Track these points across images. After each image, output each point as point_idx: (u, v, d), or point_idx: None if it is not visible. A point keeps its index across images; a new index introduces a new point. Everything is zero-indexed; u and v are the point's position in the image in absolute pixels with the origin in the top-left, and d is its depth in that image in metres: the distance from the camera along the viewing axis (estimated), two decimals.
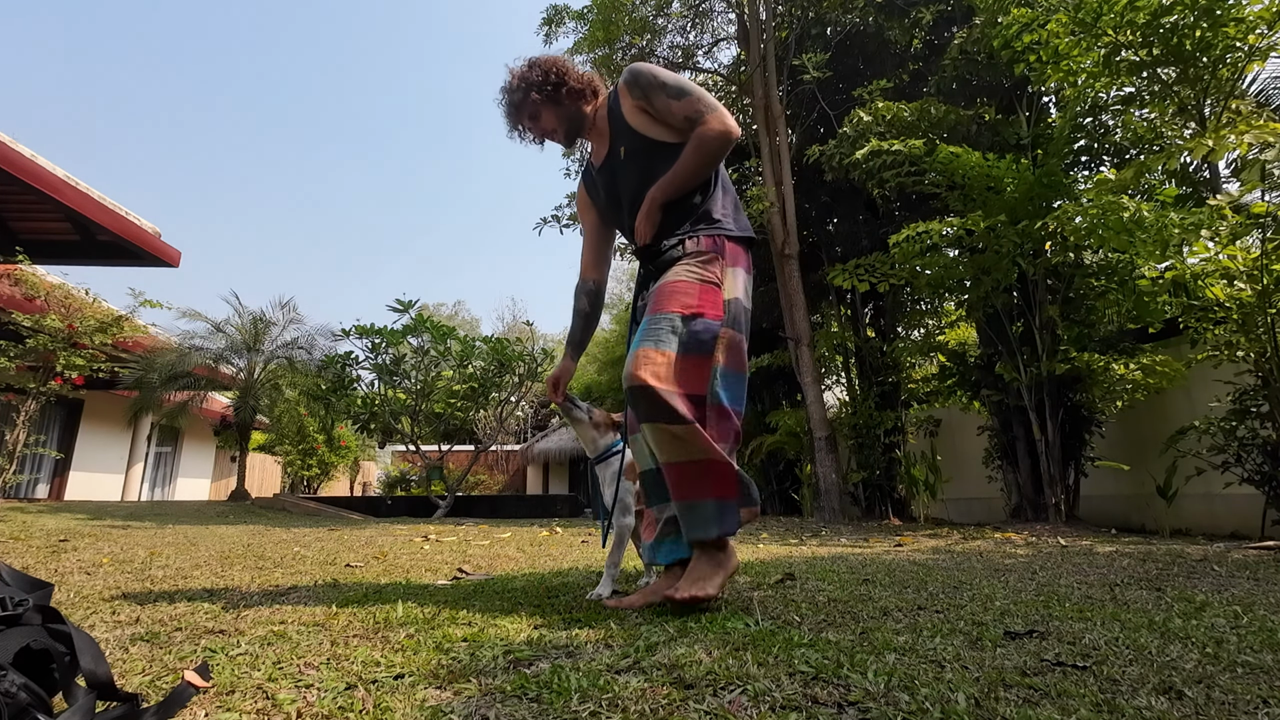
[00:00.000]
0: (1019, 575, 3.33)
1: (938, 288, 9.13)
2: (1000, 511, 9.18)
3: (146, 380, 12.43)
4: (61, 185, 7.63)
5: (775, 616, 2.12)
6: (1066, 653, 1.70)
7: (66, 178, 7.76)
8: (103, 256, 9.49)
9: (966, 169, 7.36)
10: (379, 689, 1.37)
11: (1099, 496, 8.69)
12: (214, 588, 2.62)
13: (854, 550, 4.89)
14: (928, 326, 12.99)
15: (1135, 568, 3.69)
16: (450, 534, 6.06)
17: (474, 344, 11.66)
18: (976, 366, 9.28)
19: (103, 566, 3.17)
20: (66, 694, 1.13)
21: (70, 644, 1.17)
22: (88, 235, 8.89)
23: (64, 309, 10.06)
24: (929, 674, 1.47)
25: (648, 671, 1.47)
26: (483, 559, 3.96)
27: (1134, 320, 7.53)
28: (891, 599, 2.50)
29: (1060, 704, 1.30)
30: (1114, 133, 8.41)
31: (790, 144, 11.31)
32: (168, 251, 9.32)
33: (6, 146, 7.15)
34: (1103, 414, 7.98)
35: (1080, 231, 6.39)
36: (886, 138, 8.30)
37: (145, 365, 12.40)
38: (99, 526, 5.73)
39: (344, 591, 2.59)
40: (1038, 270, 7.97)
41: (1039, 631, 1.94)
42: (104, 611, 2.11)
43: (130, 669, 1.49)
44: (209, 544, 4.54)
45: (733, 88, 13.40)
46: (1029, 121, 8.71)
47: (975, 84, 9.24)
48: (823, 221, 12.53)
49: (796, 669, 1.48)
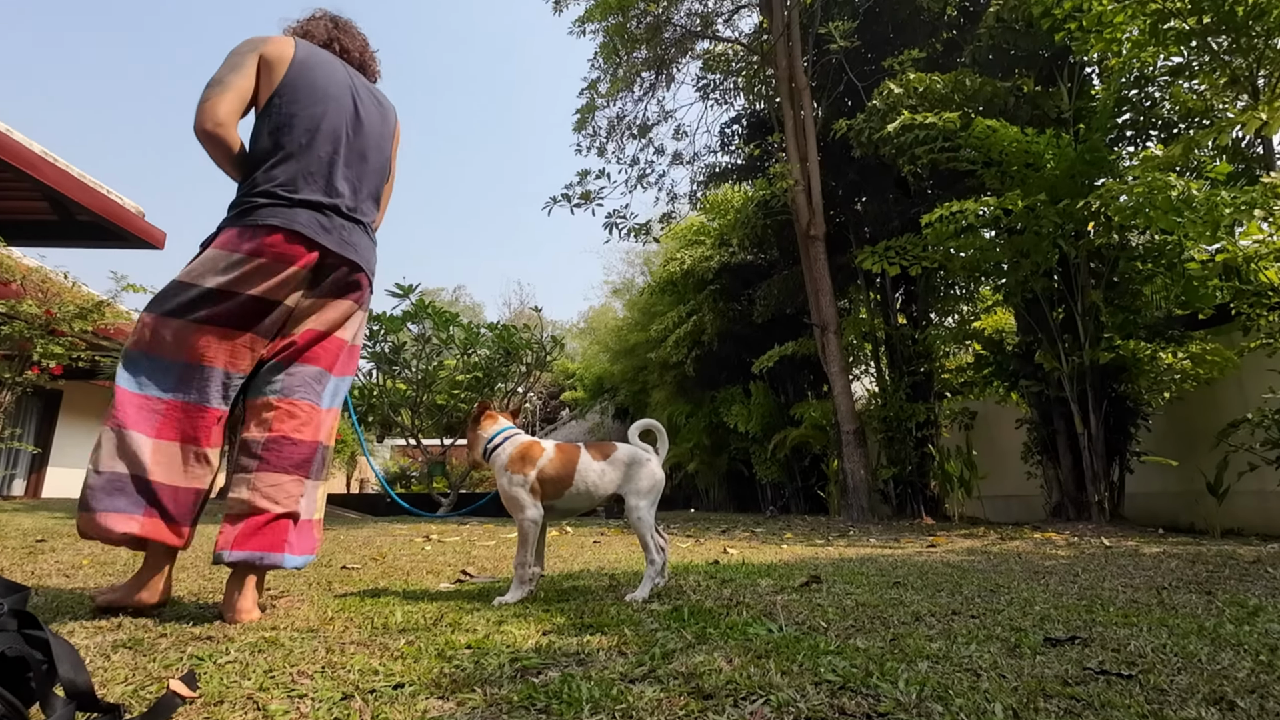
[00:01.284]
0: (1060, 578, 3.32)
1: (973, 271, 9.04)
2: (1040, 510, 9.12)
3: None
4: (39, 162, 7.54)
5: (800, 622, 2.12)
6: (1111, 660, 1.69)
7: (44, 154, 7.66)
8: (83, 238, 9.40)
9: (1004, 144, 7.28)
10: (377, 699, 1.37)
11: (1145, 494, 8.61)
12: (201, 591, 2.63)
13: (884, 551, 4.89)
14: (962, 313, 12.89)
15: (1184, 570, 3.66)
16: (453, 534, 6.09)
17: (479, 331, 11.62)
18: (1014, 355, 9.20)
19: (83, 568, 3.20)
20: (44, 704, 1.12)
21: (48, 651, 1.16)
22: (67, 215, 8.80)
23: (41, 294, 9.89)
24: (964, 683, 1.46)
25: (664, 680, 1.48)
26: (488, 561, 3.98)
27: (1182, 306, 7.43)
28: (924, 603, 2.50)
29: (1104, 715, 1.30)
30: (1161, 106, 8.28)
31: (816, 118, 11.22)
32: (152, 233, 9.25)
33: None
34: (1149, 406, 7.89)
35: (1125, 211, 6.32)
36: (918, 111, 8.22)
37: None
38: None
39: (339, 595, 2.60)
40: (1080, 253, 7.88)
41: (1081, 638, 1.93)
42: (84, 616, 2.12)
43: (112, 678, 1.49)
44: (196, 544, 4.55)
45: (754, 58, 13.32)
46: (1070, 94, 8.59)
47: (1013, 54, 9.12)
48: (850, 201, 12.44)
49: (823, 678, 1.48)
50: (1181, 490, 8.18)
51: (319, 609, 2.32)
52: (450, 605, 2.39)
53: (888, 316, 11.99)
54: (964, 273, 9.15)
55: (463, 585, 2.92)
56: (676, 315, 15.54)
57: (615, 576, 3.14)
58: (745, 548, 5.11)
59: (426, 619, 2.14)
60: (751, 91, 14.21)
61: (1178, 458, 7.96)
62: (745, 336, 14.05)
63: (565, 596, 2.59)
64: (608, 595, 2.60)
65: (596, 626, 2.03)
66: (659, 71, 14.11)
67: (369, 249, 2.57)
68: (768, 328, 13.20)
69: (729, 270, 14.71)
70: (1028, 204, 7.23)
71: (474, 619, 2.14)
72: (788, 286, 12.48)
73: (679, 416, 16.51)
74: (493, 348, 11.68)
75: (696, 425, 15.90)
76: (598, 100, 13.98)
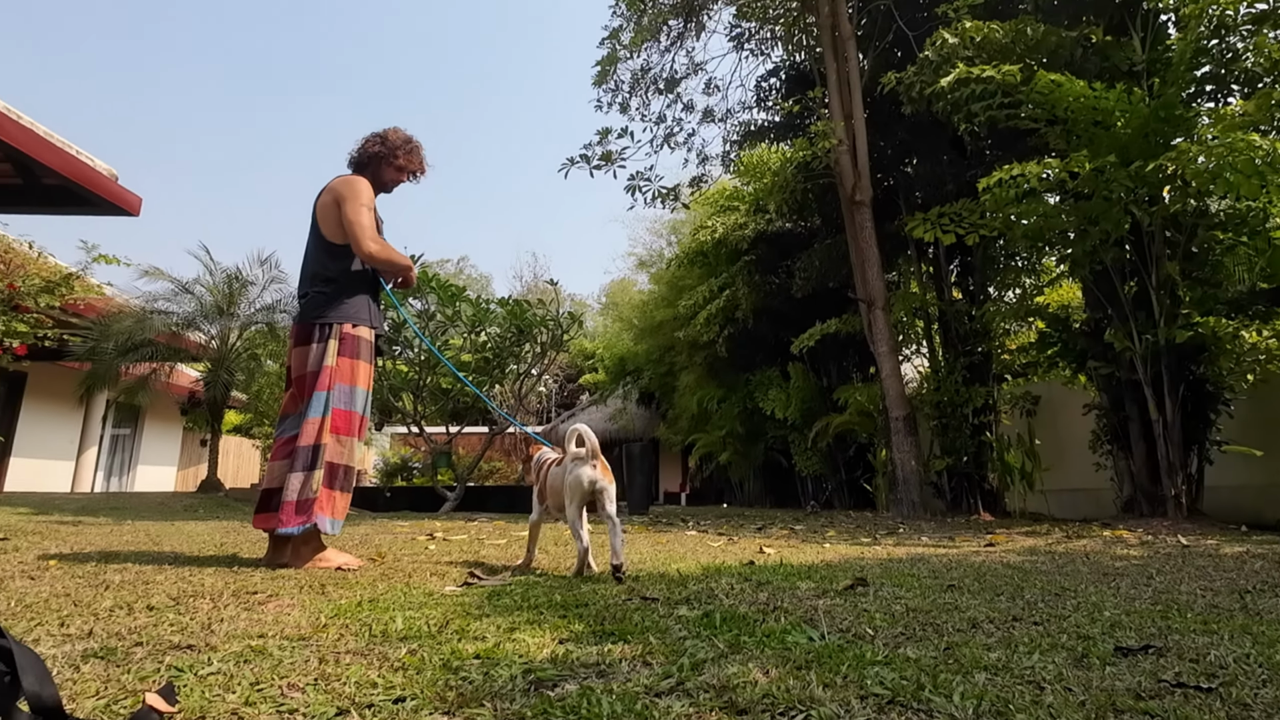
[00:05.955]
0: (1132, 580, 3.30)
1: (1036, 240, 8.95)
2: (1110, 505, 9.07)
3: (101, 350, 12.30)
4: (0, 119, 7.52)
5: (844, 629, 2.12)
6: (1188, 672, 1.68)
7: (6, 110, 7.46)
8: (49, 203, 9.13)
9: (1070, 100, 7.20)
10: (375, 715, 1.37)
11: (1226, 487, 8.51)
12: (180, 595, 2.62)
13: (937, 551, 4.88)
14: (1024, 287, 12.75)
15: (1270, 572, 3.62)
16: (460, 531, 6.13)
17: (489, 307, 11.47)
18: (1082, 334, 9.12)
19: (49, 570, 3.21)
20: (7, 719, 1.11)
21: (10, 661, 1.14)
22: (31, 178, 8.55)
23: (3, 265, 9.95)
24: (1026, 697, 1.46)
25: (693, 694, 1.48)
26: (498, 560, 4.01)
27: (1268, 279, 7.32)
28: (981, 609, 2.49)
29: None
30: (1244, 58, 8.10)
31: (862, 71, 11.11)
32: (126, 198, 9.04)
33: None
34: (1231, 390, 7.79)
35: (1204, 174, 6.24)
36: (975, 63, 8.11)
37: (100, 332, 12.27)
38: (45, 522, 5.78)
39: (334, 600, 2.60)
40: (1154, 220, 7.76)
41: (1156, 647, 1.92)
42: (51, 623, 2.11)
43: (82, 690, 1.48)
44: (175, 543, 4.61)
45: (794, 4, 13.18)
46: (1143, 44, 8.44)
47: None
48: (900, 162, 12.34)
49: (869, 691, 1.49)
50: (1267, 483, 8.10)
51: (311, 614, 2.31)
52: (457, 610, 2.39)
53: (941, 291, 11.88)
54: (1026, 242, 9.06)
55: (471, 588, 2.92)
56: (707, 289, 15.45)
57: (638, 579, 3.15)
58: (784, 547, 5.11)
59: (430, 626, 2.14)
60: (791, 41, 14.04)
61: (1263, 447, 7.87)
62: (783, 313, 14.01)
63: (583, 601, 2.58)
64: (630, 600, 2.60)
65: (618, 634, 2.03)
66: (688, 18, 13.97)
67: (308, 309, 3.85)
68: (808, 303, 13.14)
69: (765, 239, 14.62)
70: (1096, 166, 7.14)
71: (483, 626, 2.14)
72: (830, 257, 12.40)
73: (710, 401, 16.51)
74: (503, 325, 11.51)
75: (729, 411, 15.88)
76: (620, 51, 13.84)
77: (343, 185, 3.90)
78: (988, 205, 7.93)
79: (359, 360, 3.81)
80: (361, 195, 3.84)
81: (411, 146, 4.16)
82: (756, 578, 3.16)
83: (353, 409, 3.76)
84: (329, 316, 3.78)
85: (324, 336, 3.74)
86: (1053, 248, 9.57)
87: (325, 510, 3.57)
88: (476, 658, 1.78)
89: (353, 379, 3.78)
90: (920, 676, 1.59)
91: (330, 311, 3.79)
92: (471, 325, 11.43)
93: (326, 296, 3.82)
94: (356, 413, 3.78)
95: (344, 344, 3.77)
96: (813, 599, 2.63)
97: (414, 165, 4.21)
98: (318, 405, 3.64)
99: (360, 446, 3.89)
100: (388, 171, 4.10)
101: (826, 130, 10.46)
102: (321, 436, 3.61)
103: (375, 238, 3.80)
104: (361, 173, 4.04)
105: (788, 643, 1.91)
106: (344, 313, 3.80)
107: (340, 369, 3.74)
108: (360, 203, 3.81)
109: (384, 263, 3.86)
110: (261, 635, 2.01)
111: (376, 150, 4.05)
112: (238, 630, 2.08)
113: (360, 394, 3.81)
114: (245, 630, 2.08)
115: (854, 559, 4.21)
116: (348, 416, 3.74)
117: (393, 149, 4.07)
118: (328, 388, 3.67)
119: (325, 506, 3.58)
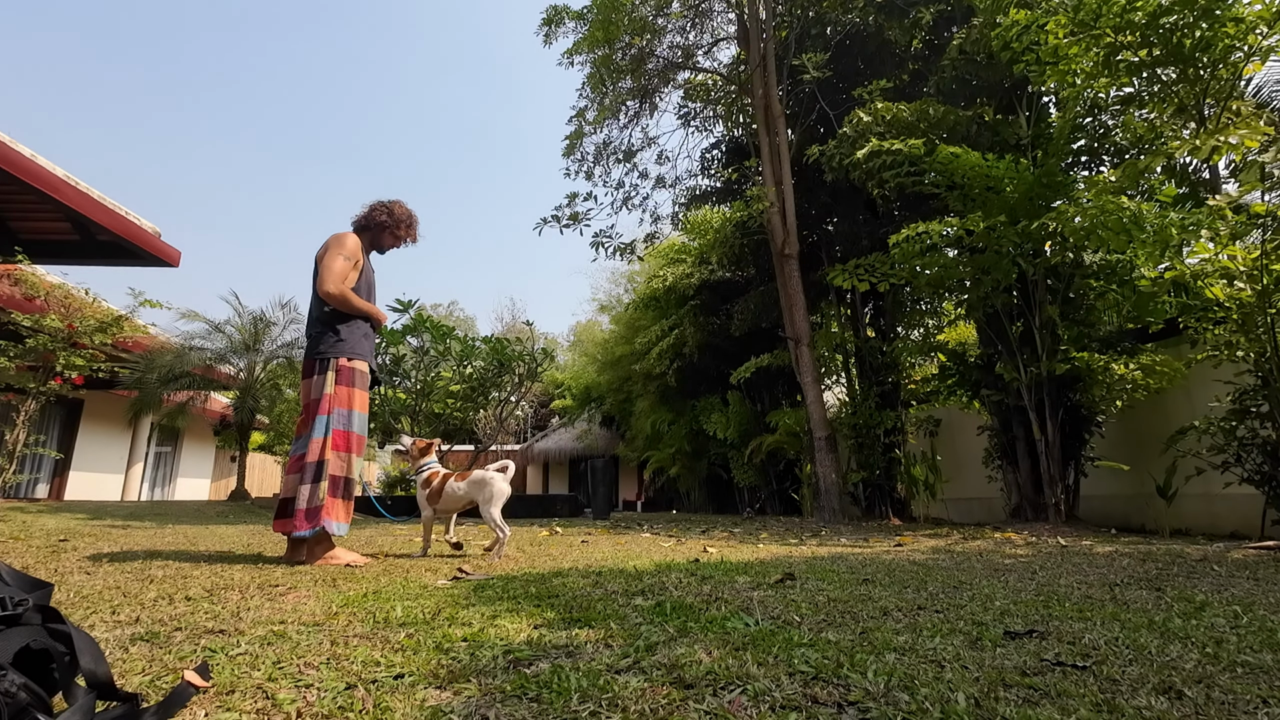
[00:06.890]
0: (1019, 575, 3.33)
1: (937, 288, 9.11)
2: (1000, 511, 9.18)
3: (146, 380, 12.45)
4: (61, 185, 7.59)
5: (775, 616, 2.12)
6: (1066, 652, 1.70)
7: (66, 177, 7.71)
8: (102, 256, 9.43)
9: (966, 169, 7.35)
10: (379, 689, 1.37)
11: (1099, 496, 8.68)
12: (214, 587, 2.62)
13: (854, 550, 4.90)
14: (927, 326, 12.99)
15: (1135, 568, 3.69)
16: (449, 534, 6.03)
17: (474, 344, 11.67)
18: (976, 366, 9.28)
19: (103, 566, 3.17)
20: (66, 694, 1.13)
21: (70, 644, 1.16)
22: (87, 235, 8.83)
23: (64, 309, 10.06)
24: (929, 674, 1.47)
25: (647, 671, 1.47)
26: (482, 559, 3.97)
27: (1134, 320, 7.50)
28: (891, 599, 2.50)
29: (1060, 704, 1.30)
30: (1114, 133, 8.38)
31: (790, 144, 11.30)
32: (168, 251, 9.26)
33: (6, 146, 7.10)
34: (1103, 414, 7.96)
35: (1080, 231, 6.38)
36: (886, 138, 8.28)
37: (145, 365, 12.42)
38: (99, 526, 5.72)
39: (344, 591, 2.59)
40: (1037, 270, 7.96)
41: (1039, 631, 1.94)
42: (104, 611, 2.11)
43: (130, 669, 1.49)
44: (209, 544, 4.55)
45: (732, 87, 13.39)
46: (1029, 121, 8.70)
47: (975, 84, 9.22)
48: (822, 221, 12.53)
49: (796, 669, 1.48)
50: (1133, 493, 8.25)
51: (324, 604, 2.31)
52: (447, 601, 2.37)
53: (857, 330, 12.07)
54: (929, 289, 9.20)
55: (459, 582, 2.90)
56: (659, 329, 15.57)
57: (601, 574, 3.13)
58: (724, 547, 5.11)
59: (425, 614, 2.13)
60: (730, 119, 14.28)
61: (1129, 462, 8.03)
62: (724, 349, 14.10)
63: (554, 593, 2.57)
64: (594, 591, 2.59)
65: (584, 621, 2.02)
66: (643, 100, 14.13)
67: (311, 346, 3.95)
68: (745, 341, 13.25)
69: (708, 287, 14.78)
70: (988, 225, 7.30)
71: (469, 614, 2.13)
72: (764, 302, 12.54)
73: (662, 424, 16.53)
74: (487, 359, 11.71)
75: (678, 432, 15.92)
76: (585, 127, 13.95)
77: (332, 239, 4.01)
78: (897, 258, 8.03)
79: (354, 388, 3.91)
80: (345, 247, 3.95)
81: (411, 221, 4.30)
82: (701, 573, 3.15)
83: (350, 429, 3.85)
84: (327, 352, 3.89)
85: (324, 369, 3.86)
86: (952, 294, 9.73)
87: (332, 515, 3.67)
88: (464, 641, 1.77)
89: (349, 404, 3.87)
90: (840, 656, 1.59)
91: (328, 348, 3.90)
92: (460, 359, 11.59)
93: (326, 335, 3.92)
94: (354, 433, 3.87)
95: (340, 375, 3.88)
96: (749, 591, 2.62)
97: (410, 236, 4.35)
98: (320, 427, 3.76)
99: (359, 461, 3.95)
100: (386, 238, 4.23)
101: (760, 194, 10.63)
102: (324, 453, 3.73)
103: (336, 282, 3.84)
104: (361, 234, 4.15)
105: (727, 628, 1.91)
106: (341, 349, 3.90)
107: (338, 396, 3.84)
108: (338, 252, 3.91)
109: (339, 303, 3.88)
110: (282, 622, 2.02)
111: (383, 219, 4.16)
112: (262, 617, 2.08)
113: (356, 416, 3.90)
114: (269, 617, 2.08)
115: (784, 557, 4.21)
116: (346, 436, 3.83)
117: (396, 221, 4.20)
118: (328, 412, 3.79)
119: (331, 512, 3.67)
